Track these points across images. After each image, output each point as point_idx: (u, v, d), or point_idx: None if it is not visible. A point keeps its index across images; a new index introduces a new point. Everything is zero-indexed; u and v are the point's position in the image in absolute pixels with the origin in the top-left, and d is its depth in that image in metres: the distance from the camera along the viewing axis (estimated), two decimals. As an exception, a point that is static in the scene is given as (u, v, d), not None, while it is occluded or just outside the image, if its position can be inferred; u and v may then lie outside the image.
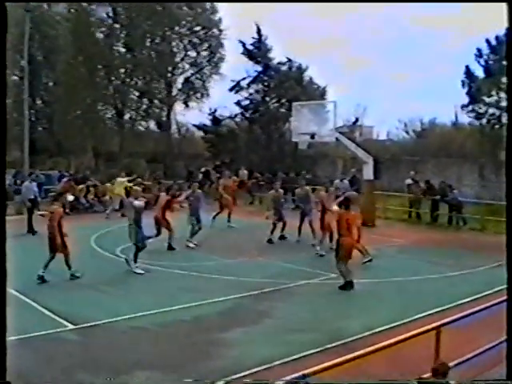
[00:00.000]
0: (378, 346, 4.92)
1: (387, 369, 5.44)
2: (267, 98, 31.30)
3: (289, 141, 24.38)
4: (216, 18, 33.11)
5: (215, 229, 16.39)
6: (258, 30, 30.98)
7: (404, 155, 27.42)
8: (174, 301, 9.21)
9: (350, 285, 10.37)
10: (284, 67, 31.33)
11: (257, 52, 31.10)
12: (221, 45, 33.45)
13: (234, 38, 32.56)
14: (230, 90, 31.56)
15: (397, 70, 45.14)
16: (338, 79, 50.91)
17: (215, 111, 32.27)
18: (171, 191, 14.70)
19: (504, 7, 4.69)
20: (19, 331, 6.84)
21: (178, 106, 34.10)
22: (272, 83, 30.96)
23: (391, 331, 7.45)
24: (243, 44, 31.09)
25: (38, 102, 33.64)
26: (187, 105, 34.02)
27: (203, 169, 27.82)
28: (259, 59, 31.03)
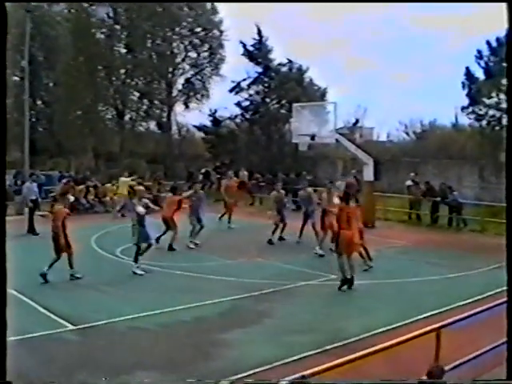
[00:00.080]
0: (378, 348, 4.91)
1: (387, 370, 5.43)
2: (267, 99, 31.30)
3: (289, 142, 24.35)
4: (217, 19, 33.17)
5: (215, 229, 16.40)
6: (259, 31, 31.03)
7: (404, 156, 27.40)
8: (175, 301, 9.21)
9: (350, 282, 10.28)
10: (284, 68, 31.34)
11: (257, 53, 31.11)
12: (221, 46, 33.50)
13: (235, 39, 32.69)
14: (231, 91, 31.63)
15: (397, 71, 45.29)
16: (339, 80, 50.98)
17: (215, 112, 32.35)
18: (178, 191, 14.82)
19: (504, 7, 4.68)
20: (19, 331, 6.84)
21: (179, 107, 34.18)
22: (272, 84, 30.97)
23: (391, 333, 7.44)
24: (244, 45, 31.13)
25: (39, 103, 33.69)
26: (187, 106, 34.08)
27: (203, 170, 27.84)
28: (260, 60, 31.04)
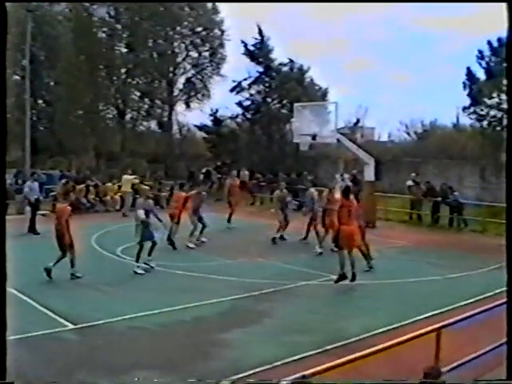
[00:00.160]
0: (378, 348, 4.90)
1: (387, 370, 5.42)
2: (268, 99, 31.28)
3: (290, 142, 24.36)
4: (218, 19, 33.21)
5: (216, 229, 16.37)
6: (260, 31, 31.01)
7: (405, 157, 27.39)
8: (174, 301, 9.20)
9: (352, 277, 10.33)
10: (285, 68, 31.31)
11: (258, 53, 31.09)
12: (222, 45, 33.51)
13: (236, 39, 32.58)
14: (231, 91, 31.62)
15: (398, 71, 45.30)
16: (340, 80, 50.97)
17: (216, 112, 32.34)
18: (184, 188, 14.90)
19: (504, 7, 4.68)
20: (19, 331, 6.83)
21: (180, 107, 34.26)
22: (273, 84, 30.95)
23: (391, 333, 7.43)
24: (245, 44, 31.09)
25: (40, 102, 33.72)
26: (188, 105, 34.14)
27: (204, 169, 27.81)
28: (261, 60, 31.01)
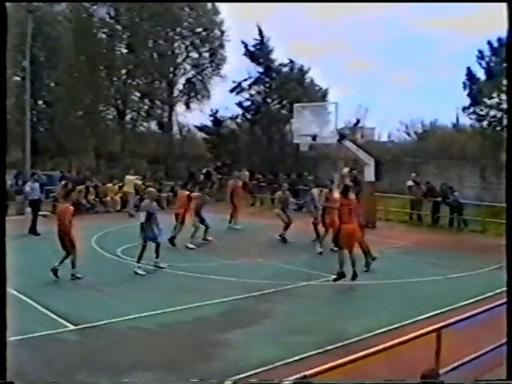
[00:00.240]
0: (379, 348, 4.90)
1: (387, 370, 5.42)
2: (268, 100, 31.25)
3: (290, 142, 24.34)
4: (218, 20, 33.17)
5: (216, 230, 16.36)
6: (260, 32, 30.96)
7: (405, 157, 27.37)
8: (175, 301, 9.21)
9: (353, 275, 10.39)
10: (285, 68, 31.28)
11: (258, 53, 31.07)
12: (222, 46, 33.49)
13: (236, 40, 32.55)
14: (232, 91, 31.60)
15: (398, 71, 45.19)
16: (340, 81, 50.90)
17: (216, 112, 32.29)
18: (187, 187, 14.94)
19: (504, 7, 4.68)
20: (19, 331, 6.84)
21: (180, 107, 34.21)
22: (273, 84, 30.92)
23: (392, 333, 7.43)
24: (245, 45, 31.06)
25: (40, 103, 33.71)
26: (188, 106, 34.11)
27: (204, 170, 27.79)
28: (261, 60, 30.98)
